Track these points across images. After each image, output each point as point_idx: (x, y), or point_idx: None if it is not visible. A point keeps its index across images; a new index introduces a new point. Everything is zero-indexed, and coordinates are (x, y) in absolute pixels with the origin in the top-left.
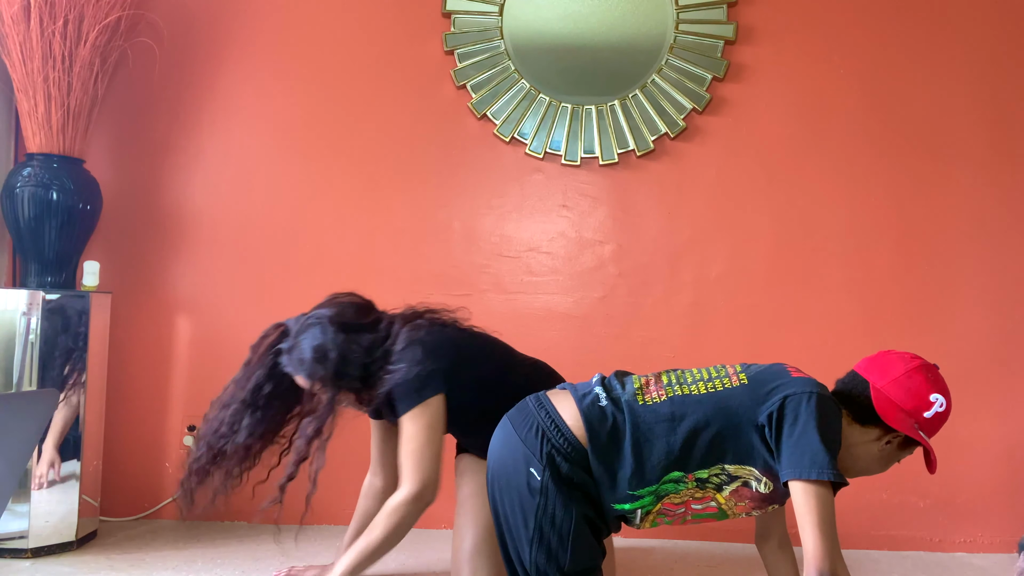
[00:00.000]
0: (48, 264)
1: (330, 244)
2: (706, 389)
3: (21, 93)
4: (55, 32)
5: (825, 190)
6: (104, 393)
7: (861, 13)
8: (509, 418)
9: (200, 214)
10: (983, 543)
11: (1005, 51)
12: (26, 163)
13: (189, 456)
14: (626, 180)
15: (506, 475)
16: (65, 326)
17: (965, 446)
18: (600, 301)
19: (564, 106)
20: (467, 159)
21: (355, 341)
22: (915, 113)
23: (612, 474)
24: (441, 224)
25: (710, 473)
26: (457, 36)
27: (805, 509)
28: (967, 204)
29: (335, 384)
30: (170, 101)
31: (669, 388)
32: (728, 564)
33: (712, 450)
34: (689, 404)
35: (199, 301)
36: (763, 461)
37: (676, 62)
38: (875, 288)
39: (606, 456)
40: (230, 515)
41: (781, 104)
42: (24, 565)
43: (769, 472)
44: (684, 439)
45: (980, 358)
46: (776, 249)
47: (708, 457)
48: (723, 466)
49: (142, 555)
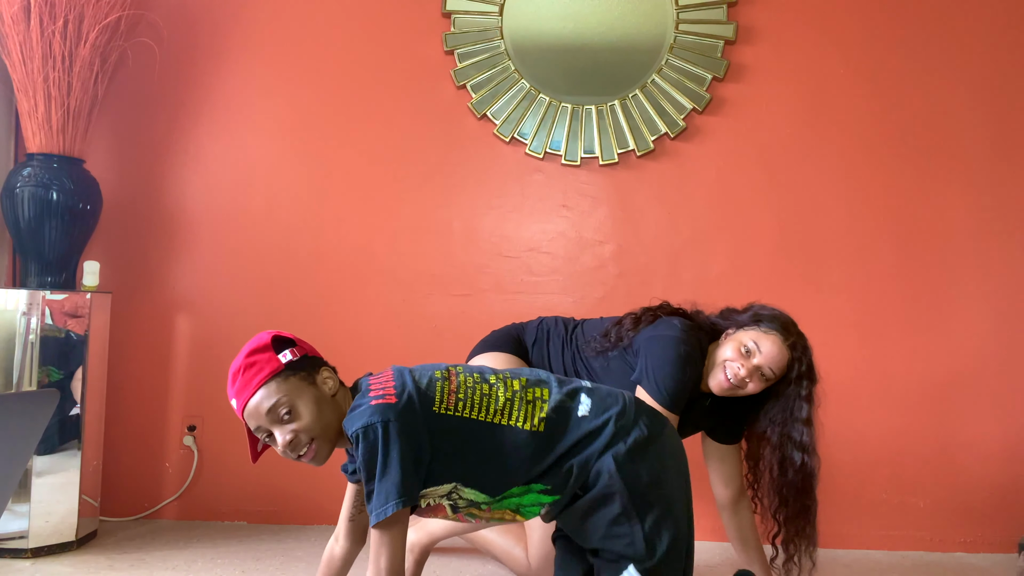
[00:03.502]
0: (48, 264)
1: (330, 244)
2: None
3: (21, 93)
4: (55, 32)
5: (825, 190)
6: (104, 393)
7: (861, 13)
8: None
9: (200, 214)
10: (983, 543)
11: (1005, 52)
12: (26, 163)
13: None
14: (626, 180)
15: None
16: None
17: (965, 446)
18: (600, 301)
19: (564, 106)
20: (467, 159)
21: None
22: (915, 113)
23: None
24: (441, 224)
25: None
26: (457, 36)
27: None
28: (967, 204)
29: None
30: (170, 101)
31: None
32: (728, 565)
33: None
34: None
35: (199, 301)
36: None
37: (676, 62)
38: (875, 288)
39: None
40: (230, 515)
41: (781, 104)
42: (24, 565)
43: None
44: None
45: (980, 358)
46: (776, 249)
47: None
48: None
49: (142, 555)
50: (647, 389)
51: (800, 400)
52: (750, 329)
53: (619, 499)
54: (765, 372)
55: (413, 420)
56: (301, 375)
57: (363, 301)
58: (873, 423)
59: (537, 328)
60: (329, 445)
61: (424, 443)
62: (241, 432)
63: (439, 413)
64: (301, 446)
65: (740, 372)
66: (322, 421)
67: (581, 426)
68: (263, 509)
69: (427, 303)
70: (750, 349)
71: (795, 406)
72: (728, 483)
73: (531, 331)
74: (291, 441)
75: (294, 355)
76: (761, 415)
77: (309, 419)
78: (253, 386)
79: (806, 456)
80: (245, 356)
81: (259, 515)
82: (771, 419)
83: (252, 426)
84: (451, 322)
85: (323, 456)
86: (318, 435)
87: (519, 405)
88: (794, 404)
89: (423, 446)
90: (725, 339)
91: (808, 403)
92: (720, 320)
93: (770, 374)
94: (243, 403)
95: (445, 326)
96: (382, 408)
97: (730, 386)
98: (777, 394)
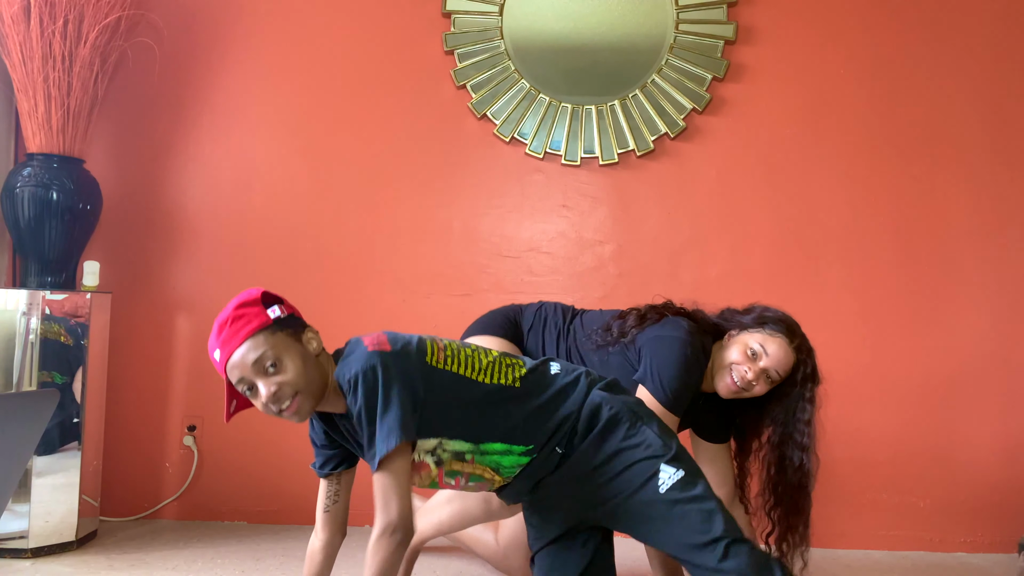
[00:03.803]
0: (48, 264)
1: (330, 244)
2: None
3: (21, 93)
4: (55, 32)
5: (825, 190)
6: (104, 393)
7: (861, 13)
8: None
9: (200, 214)
10: (983, 543)
11: (1005, 51)
12: (26, 163)
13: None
14: (626, 180)
15: None
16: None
17: (965, 446)
18: (600, 301)
19: (564, 106)
20: (467, 159)
21: None
22: (915, 113)
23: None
24: (441, 224)
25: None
26: (457, 36)
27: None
28: (967, 204)
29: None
30: (170, 101)
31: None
32: None
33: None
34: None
35: (199, 301)
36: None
37: (676, 62)
38: (875, 288)
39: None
40: (230, 515)
41: (781, 104)
42: (24, 565)
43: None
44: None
45: (980, 358)
46: (776, 249)
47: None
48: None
49: (142, 555)
50: (650, 390)
51: (804, 402)
52: (755, 331)
53: (624, 416)
54: (771, 374)
55: (409, 365)
56: (288, 332)
57: (363, 301)
58: (873, 423)
59: (535, 314)
60: (312, 400)
61: (419, 388)
62: (241, 432)
63: (431, 364)
64: (285, 399)
65: (747, 375)
66: (307, 376)
67: (556, 382)
68: (263, 509)
69: (427, 303)
70: (756, 352)
71: (798, 407)
72: (721, 484)
73: (528, 316)
74: (275, 393)
75: (282, 312)
76: (764, 415)
77: (294, 373)
78: (240, 337)
79: (805, 456)
80: (234, 308)
81: (259, 515)
82: (773, 419)
83: (235, 378)
84: (451, 322)
85: (305, 411)
86: (302, 389)
87: (499, 368)
88: (797, 406)
89: (418, 390)
90: (729, 341)
91: (811, 404)
92: (722, 321)
93: (776, 376)
94: (228, 354)
95: (445, 326)
96: (380, 353)
97: (737, 389)
98: (781, 395)
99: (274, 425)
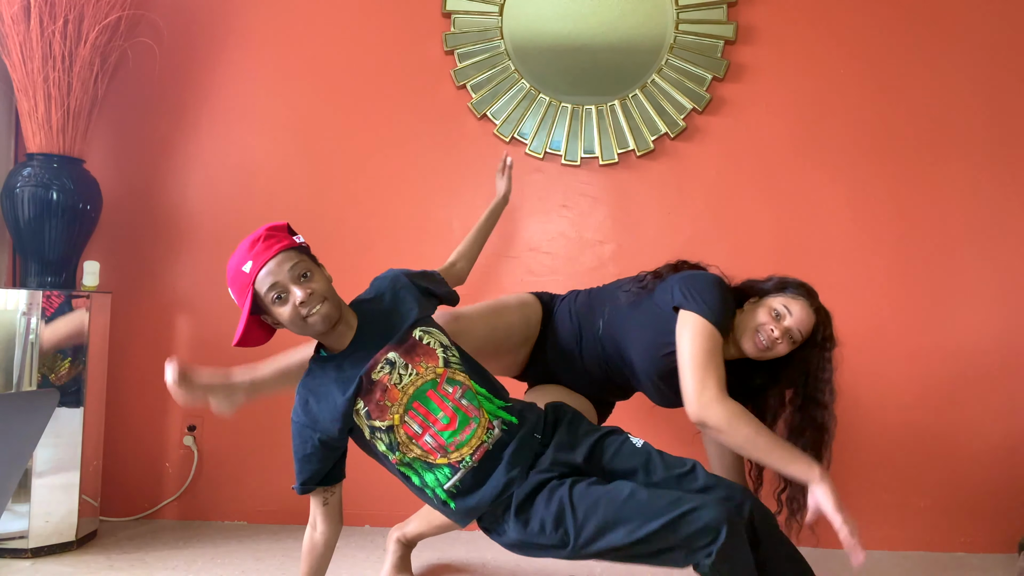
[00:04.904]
0: (48, 264)
1: (330, 244)
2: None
3: (21, 93)
4: (55, 32)
5: (825, 190)
6: (104, 393)
7: (861, 13)
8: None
9: (200, 214)
10: (983, 543)
11: (1005, 51)
12: (26, 163)
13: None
14: (626, 180)
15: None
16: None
17: (965, 446)
18: None
19: (564, 106)
20: (467, 159)
21: None
22: (915, 113)
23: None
24: (441, 224)
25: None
26: (457, 36)
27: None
28: (967, 204)
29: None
30: (170, 101)
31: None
32: None
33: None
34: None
35: (199, 301)
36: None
37: (676, 62)
38: (875, 288)
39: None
40: (230, 515)
41: (781, 104)
42: (24, 565)
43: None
44: None
45: (980, 358)
46: (776, 249)
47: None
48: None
49: (142, 555)
50: (693, 309)
51: (824, 362)
52: (777, 295)
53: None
54: (794, 334)
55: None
56: (313, 258)
57: None
58: (873, 423)
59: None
60: (337, 310)
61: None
62: (241, 432)
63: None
64: (316, 302)
65: (773, 333)
66: (333, 291)
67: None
68: (263, 509)
69: None
70: (781, 313)
71: (819, 367)
72: (729, 472)
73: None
74: (309, 296)
75: (306, 244)
76: (783, 379)
77: (324, 285)
78: (275, 249)
79: (827, 415)
80: (266, 229)
81: (259, 515)
82: (793, 381)
83: (267, 284)
84: None
85: (331, 318)
86: (330, 298)
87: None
88: (818, 366)
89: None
90: (753, 306)
91: (830, 364)
92: (744, 288)
93: (798, 336)
94: (262, 263)
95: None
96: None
97: (764, 347)
98: (800, 359)
99: (274, 425)
